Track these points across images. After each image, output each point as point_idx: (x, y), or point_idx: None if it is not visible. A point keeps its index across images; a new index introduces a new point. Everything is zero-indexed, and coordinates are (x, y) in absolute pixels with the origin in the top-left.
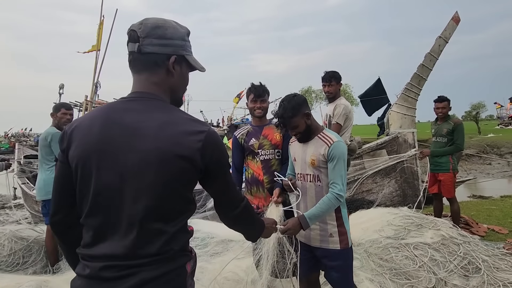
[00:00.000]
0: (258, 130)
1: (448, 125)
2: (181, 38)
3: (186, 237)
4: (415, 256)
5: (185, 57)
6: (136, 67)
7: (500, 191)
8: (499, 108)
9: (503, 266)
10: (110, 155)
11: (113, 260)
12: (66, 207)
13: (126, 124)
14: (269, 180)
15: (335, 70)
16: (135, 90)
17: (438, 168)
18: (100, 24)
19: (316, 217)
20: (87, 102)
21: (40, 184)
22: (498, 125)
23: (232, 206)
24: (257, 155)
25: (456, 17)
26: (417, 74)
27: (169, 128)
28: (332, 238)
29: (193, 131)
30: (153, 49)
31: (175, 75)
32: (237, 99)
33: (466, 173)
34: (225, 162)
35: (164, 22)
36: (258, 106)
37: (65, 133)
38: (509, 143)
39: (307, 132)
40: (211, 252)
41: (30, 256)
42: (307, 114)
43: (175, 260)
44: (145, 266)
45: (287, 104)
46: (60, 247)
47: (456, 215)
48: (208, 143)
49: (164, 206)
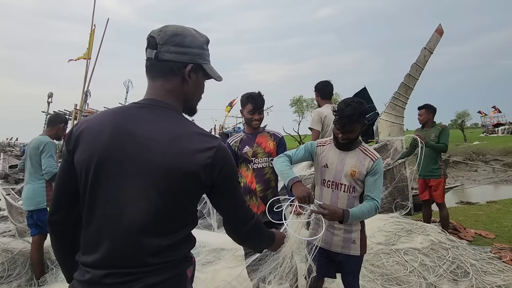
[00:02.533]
0: (252, 137)
1: (436, 130)
2: (200, 46)
3: (189, 246)
4: (406, 261)
5: (202, 65)
6: (152, 73)
7: (486, 197)
8: (483, 117)
9: (490, 270)
10: (117, 164)
11: (116, 268)
12: (66, 207)
13: (137, 134)
14: (261, 189)
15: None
16: (149, 97)
17: (430, 174)
18: (91, 32)
19: (356, 217)
20: (76, 111)
21: (29, 193)
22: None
23: (241, 223)
24: (251, 163)
25: (439, 29)
26: (404, 84)
27: (179, 143)
28: (355, 244)
29: (202, 148)
30: (170, 56)
31: (190, 83)
32: (228, 108)
33: (454, 180)
34: (234, 177)
35: (183, 30)
36: (257, 118)
37: (72, 134)
38: (494, 150)
39: (354, 141)
40: (203, 261)
41: (14, 269)
42: (364, 125)
43: (177, 266)
44: (148, 273)
45: (358, 107)
46: (54, 250)
47: (445, 221)
48: (217, 159)
49: (168, 219)
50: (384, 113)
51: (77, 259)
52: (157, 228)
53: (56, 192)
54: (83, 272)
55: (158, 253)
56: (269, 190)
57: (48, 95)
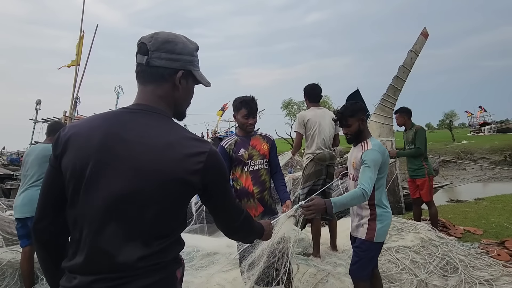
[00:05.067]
0: (246, 140)
1: (411, 132)
2: (190, 53)
3: (178, 249)
4: (397, 259)
5: (192, 72)
6: (142, 79)
7: (475, 195)
8: (470, 116)
9: (478, 265)
10: (108, 170)
11: (105, 273)
12: (52, 214)
13: (128, 140)
14: (258, 191)
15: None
16: (139, 102)
17: (415, 174)
18: (80, 39)
19: (340, 204)
20: (65, 118)
21: (25, 200)
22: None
23: (232, 219)
24: (246, 166)
25: (424, 32)
26: (392, 86)
27: (171, 149)
28: (362, 228)
29: (194, 153)
30: (161, 63)
31: (180, 89)
32: (221, 112)
33: (444, 179)
34: (225, 180)
35: (175, 37)
36: (251, 122)
37: (59, 138)
38: (481, 148)
39: (357, 135)
40: (197, 266)
41: (3, 280)
42: (362, 119)
43: (167, 268)
44: (138, 275)
45: (349, 105)
46: (40, 258)
47: (435, 218)
48: (208, 163)
49: (159, 224)
50: (374, 115)
51: (63, 265)
52: (148, 233)
53: (42, 198)
54: (70, 278)
55: (148, 256)
56: (266, 191)
57: (36, 102)
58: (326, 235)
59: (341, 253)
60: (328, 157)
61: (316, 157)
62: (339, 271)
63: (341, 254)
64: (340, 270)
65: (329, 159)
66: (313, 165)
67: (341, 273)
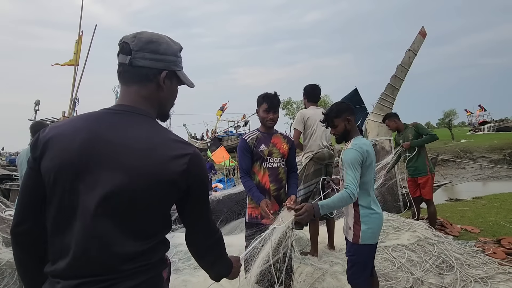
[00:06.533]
0: (268, 137)
1: (410, 130)
2: (174, 54)
3: (164, 250)
4: (394, 257)
5: (176, 72)
6: (125, 79)
7: (474, 194)
8: (469, 115)
9: (474, 263)
10: (91, 173)
11: (89, 277)
12: (32, 217)
13: (112, 141)
14: (275, 188)
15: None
16: (123, 103)
17: (417, 172)
18: (79, 39)
19: (328, 207)
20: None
21: None
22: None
23: (207, 234)
24: (265, 162)
25: (422, 31)
26: (390, 85)
27: (156, 151)
28: (350, 230)
29: (178, 154)
30: (145, 63)
31: (165, 89)
32: (220, 112)
33: (443, 178)
34: (205, 184)
35: (159, 37)
36: (271, 117)
37: (38, 140)
38: (480, 147)
39: (344, 135)
40: (194, 265)
41: (2, 280)
42: (348, 119)
43: (152, 269)
44: (123, 278)
45: (334, 106)
46: (18, 263)
47: (433, 217)
48: (192, 165)
49: (144, 225)
50: (372, 114)
51: (46, 270)
52: (133, 235)
53: (22, 201)
54: (53, 283)
55: (134, 258)
56: (282, 189)
57: (35, 103)
58: (323, 234)
59: (338, 252)
60: (327, 156)
61: (316, 156)
62: (336, 270)
63: (338, 253)
64: (337, 269)
65: (328, 158)
66: (312, 164)
67: (338, 271)
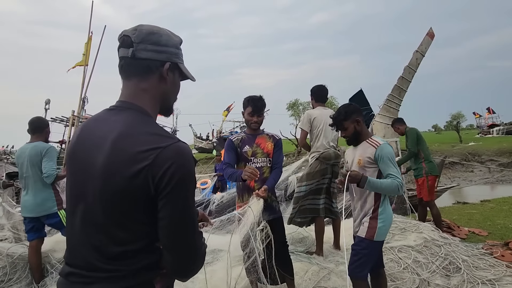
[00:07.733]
0: (252, 138)
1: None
2: (175, 46)
3: (149, 258)
4: (400, 258)
5: (178, 65)
6: (126, 73)
7: (482, 197)
8: (478, 118)
9: (481, 265)
10: (77, 170)
11: (78, 269)
12: None
13: (95, 136)
14: (259, 187)
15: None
16: (120, 99)
17: (416, 174)
18: (89, 40)
19: (375, 185)
20: (74, 117)
21: (38, 200)
22: (478, 133)
23: (187, 254)
24: (249, 162)
25: (430, 32)
26: (397, 86)
27: (121, 144)
28: (363, 226)
29: (146, 149)
30: (148, 54)
31: (168, 81)
32: (226, 112)
33: (450, 181)
34: (185, 183)
35: (159, 29)
36: (255, 120)
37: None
38: (489, 150)
39: (355, 136)
40: None
41: (15, 273)
42: (357, 120)
43: (135, 276)
44: (102, 278)
45: (342, 109)
46: None
47: (437, 219)
48: (161, 159)
49: (116, 228)
50: (379, 115)
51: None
52: (107, 233)
53: None
54: (64, 266)
55: (110, 259)
56: None
57: (46, 102)
58: (329, 234)
59: (344, 252)
60: (333, 156)
61: (322, 155)
62: (341, 269)
63: (344, 253)
64: (342, 268)
65: (334, 158)
66: (318, 164)
67: (343, 271)
